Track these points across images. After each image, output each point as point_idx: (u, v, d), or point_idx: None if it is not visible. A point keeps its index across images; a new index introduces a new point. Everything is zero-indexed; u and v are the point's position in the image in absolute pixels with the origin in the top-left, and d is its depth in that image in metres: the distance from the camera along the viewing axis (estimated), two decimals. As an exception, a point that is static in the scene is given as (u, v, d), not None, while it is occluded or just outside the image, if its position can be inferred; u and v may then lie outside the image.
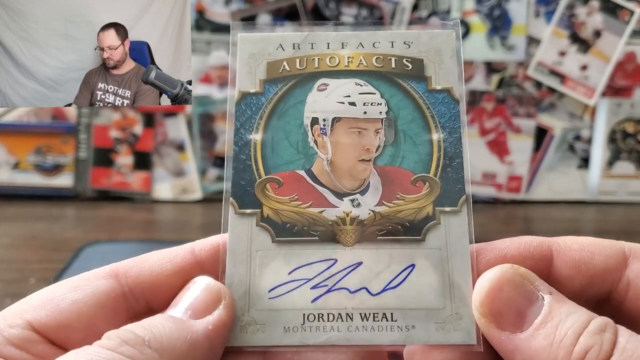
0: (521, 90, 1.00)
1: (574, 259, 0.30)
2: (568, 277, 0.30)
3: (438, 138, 0.29)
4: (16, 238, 0.87)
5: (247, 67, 0.32)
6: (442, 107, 0.29)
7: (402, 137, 0.29)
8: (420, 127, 0.29)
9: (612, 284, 0.30)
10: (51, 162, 1.01)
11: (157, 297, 0.30)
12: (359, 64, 0.30)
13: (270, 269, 0.28)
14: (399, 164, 0.29)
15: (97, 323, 0.29)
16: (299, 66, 0.30)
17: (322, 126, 0.29)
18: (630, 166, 1.02)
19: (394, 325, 0.27)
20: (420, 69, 0.30)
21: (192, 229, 0.92)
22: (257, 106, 0.30)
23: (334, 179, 0.29)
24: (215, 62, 0.98)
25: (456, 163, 0.29)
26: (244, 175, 0.29)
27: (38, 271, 0.76)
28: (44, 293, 0.30)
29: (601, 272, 0.30)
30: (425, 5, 0.97)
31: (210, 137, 1.00)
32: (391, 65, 0.30)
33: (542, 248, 0.30)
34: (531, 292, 0.27)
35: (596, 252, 0.30)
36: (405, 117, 0.29)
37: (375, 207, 0.28)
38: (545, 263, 0.30)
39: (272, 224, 0.28)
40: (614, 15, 0.98)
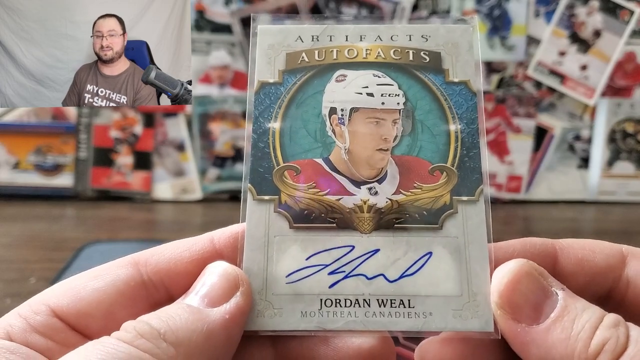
0: (521, 90, 1.00)
1: (577, 257, 0.31)
2: (572, 274, 0.31)
3: (455, 129, 0.29)
4: (16, 238, 0.86)
5: (266, 57, 0.31)
6: (460, 98, 0.29)
7: (419, 128, 0.29)
8: (437, 118, 0.29)
9: (614, 282, 0.31)
10: (51, 162, 1.01)
11: (177, 284, 0.30)
12: (377, 56, 0.30)
13: (287, 255, 0.28)
14: (416, 153, 0.29)
15: (116, 310, 0.29)
16: (317, 57, 0.31)
17: (340, 116, 0.30)
18: (630, 166, 1.02)
19: (411, 311, 0.27)
20: (438, 62, 0.30)
21: (192, 228, 0.92)
22: (275, 95, 0.30)
23: (352, 167, 0.29)
24: (215, 62, 0.98)
25: (473, 154, 0.29)
26: (263, 163, 0.29)
27: (38, 271, 0.76)
28: (67, 282, 0.30)
29: (603, 269, 0.30)
30: (425, 5, 0.97)
31: (210, 137, 1.00)
32: (409, 57, 0.30)
33: (546, 246, 0.31)
34: (546, 287, 0.28)
35: (597, 250, 0.31)
36: (422, 107, 0.30)
37: (392, 196, 0.28)
38: (550, 260, 0.31)
39: (290, 211, 0.28)
40: (613, 15, 0.98)
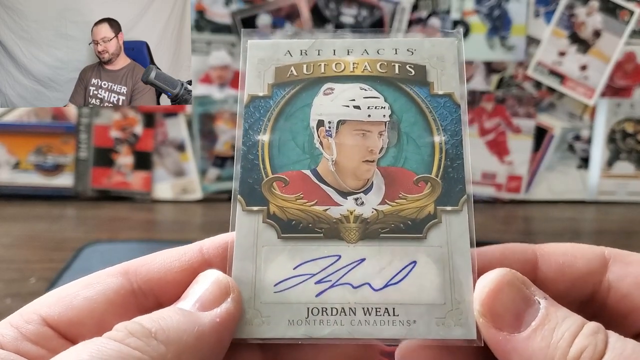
0: (521, 90, 1.00)
1: (558, 263, 0.31)
2: (553, 280, 0.31)
3: (440, 140, 0.30)
4: (16, 238, 0.87)
5: (256, 71, 0.32)
6: (444, 110, 0.30)
7: (405, 139, 0.30)
8: (422, 130, 0.30)
9: (595, 286, 0.31)
10: (51, 162, 1.01)
11: (166, 293, 0.31)
12: (364, 70, 0.31)
13: (275, 264, 0.28)
14: (401, 164, 0.30)
15: (108, 319, 0.29)
16: (305, 71, 0.31)
17: (328, 128, 0.30)
18: (630, 166, 1.02)
19: (396, 319, 0.27)
20: (423, 75, 0.31)
21: (192, 228, 0.92)
22: (265, 109, 0.31)
23: (339, 178, 0.30)
24: (215, 62, 0.98)
25: (457, 164, 0.30)
26: (252, 174, 0.30)
27: (38, 271, 0.76)
28: (58, 291, 0.31)
29: (584, 274, 0.31)
30: (425, 6, 0.97)
31: (210, 137, 1.00)
32: (395, 71, 0.31)
33: (526, 253, 0.32)
34: (528, 295, 0.28)
35: (578, 255, 0.31)
36: (408, 120, 0.30)
37: (378, 206, 0.29)
38: (531, 267, 0.31)
39: (278, 221, 0.29)
40: (613, 16, 0.98)
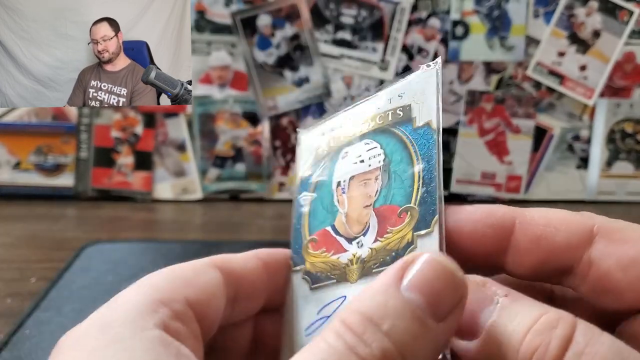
0: (520, 90, 1.00)
1: (535, 233, 0.29)
2: (526, 250, 0.29)
3: (418, 169, 0.31)
4: (17, 238, 0.87)
5: (303, 157, 0.36)
6: (423, 140, 0.32)
7: (393, 178, 0.31)
8: (406, 164, 0.31)
9: (574, 261, 0.29)
10: (52, 162, 1.01)
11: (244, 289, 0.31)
12: (368, 126, 0.34)
13: (306, 312, 0.31)
14: (389, 201, 0.31)
15: (219, 306, 0.30)
16: (332, 144, 0.35)
17: (342, 186, 0.33)
18: (629, 166, 1.03)
19: None
20: (409, 113, 0.33)
21: (192, 228, 0.92)
22: (307, 184, 0.35)
23: (347, 227, 0.32)
24: (216, 62, 0.98)
25: (431, 187, 0.30)
26: (298, 240, 0.34)
27: (39, 270, 0.76)
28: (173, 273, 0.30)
29: (562, 248, 0.29)
30: (424, 6, 0.97)
31: (210, 137, 1.01)
32: (388, 118, 0.33)
33: (504, 219, 0.30)
34: (485, 297, 0.26)
35: (561, 227, 0.29)
36: (396, 159, 0.32)
37: (372, 245, 0.30)
38: (505, 234, 0.30)
39: (310, 275, 0.32)
40: (613, 16, 0.98)
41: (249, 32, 0.97)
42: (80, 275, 0.74)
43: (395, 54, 0.98)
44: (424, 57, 0.99)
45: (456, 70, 1.00)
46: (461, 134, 1.01)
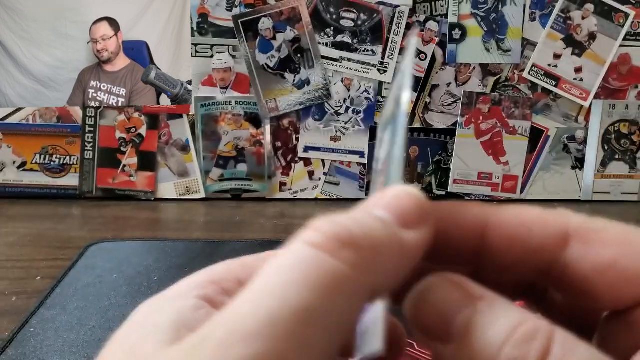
0: (517, 92, 1.01)
1: (509, 234, 0.28)
2: (499, 251, 0.28)
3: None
4: (23, 237, 0.88)
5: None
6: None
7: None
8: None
9: (550, 263, 0.27)
10: (57, 163, 1.02)
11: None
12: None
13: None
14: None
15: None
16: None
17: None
18: (624, 166, 1.04)
19: None
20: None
21: (195, 227, 0.93)
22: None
23: None
24: (218, 65, 0.99)
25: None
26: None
27: (44, 269, 0.77)
28: (236, 261, 0.28)
29: (536, 250, 0.27)
30: (423, 10, 0.98)
31: (213, 138, 1.02)
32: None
33: (477, 218, 0.28)
34: (460, 298, 0.25)
35: (535, 228, 0.28)
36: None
37: None
38: (477, 234, 0.28)
39: None
40: (608, 19, 0.99)
41: (251, 35, 0.98)
42: (85, 273, 0.75)
43: (394, 57, 0.99)
44: (422, 60, 1.00)
45: (453, 72, 1.00)
46: (458, 135, 1.02)
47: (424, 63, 1.00)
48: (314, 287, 0.22)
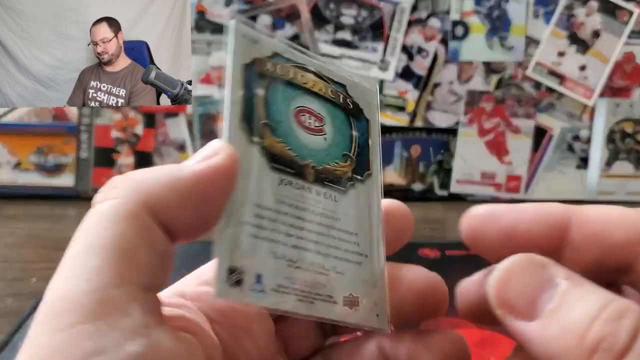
0: (520, 90, 1.00)
1: (592, 232, 0.29)
2: (583, 249, 0.29)
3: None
4: (18, 237, 0.87)
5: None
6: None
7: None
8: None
9: (632, 259, 0.28)
10: (52, 162, 1.01)
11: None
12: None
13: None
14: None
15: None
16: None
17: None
18: (629, 166, 1.03)
19: None
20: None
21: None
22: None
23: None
24: (216, 62, 0.98)
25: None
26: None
27: (40, 270, 0.76)
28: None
29: (619, 246, 0.28)
30: (424, 6, 0.98)
31: (211, 137, 1.01)
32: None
33: (559, 217, 0.29)
34: (545, 279, 0.26)
35: (618, 225, 0.28)
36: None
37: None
38: (560, 233, 0.29)
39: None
40: (612, 16, 0.98)
41: (249, 32, 0.97)
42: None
43: (395, 54, 0.98)
44: (423, 58, 0.99)
45: (456, 70, 1.00)
46: (461, 134, 1.01)
47: (427, 61, 0.99)
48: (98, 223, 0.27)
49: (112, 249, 0.25)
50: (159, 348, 0.24)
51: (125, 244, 0.25)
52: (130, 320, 0.24)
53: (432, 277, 0.33)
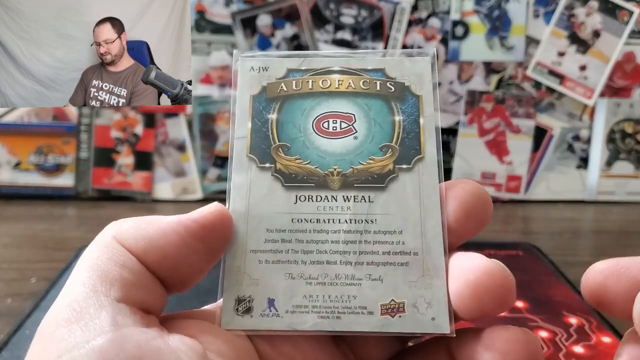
0: (520, 90, 1.00)
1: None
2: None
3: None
4: (17, 238, 0.87)
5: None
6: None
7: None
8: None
9: None
10: (52, 162, 1.01)
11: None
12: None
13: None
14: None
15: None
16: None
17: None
18: (629, 166, 1.02)
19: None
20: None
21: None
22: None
23: None
24: (216, 62, 0.98)
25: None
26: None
27: (39, 271, 0.76)
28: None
29: None
30: (424, 6, 0.97)
31: (210, 137, 1.01)
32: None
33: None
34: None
35: None
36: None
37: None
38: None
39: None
40: (613, 16, 0.98)
41: (249, 32, 0.97)
42: (80, 275, 0.74)
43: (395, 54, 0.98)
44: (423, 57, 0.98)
45: (456, 70, 0.99)
46: (461, 134, 1.01)
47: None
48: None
49: (90, 269, 0.30)
50: (124, 342, 0.26)
51: (100, 265, 0.30)
52: (99, 322, 0.27)
53: (494, 267, 0.30)
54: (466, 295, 0.30)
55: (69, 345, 0.26)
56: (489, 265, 0.30)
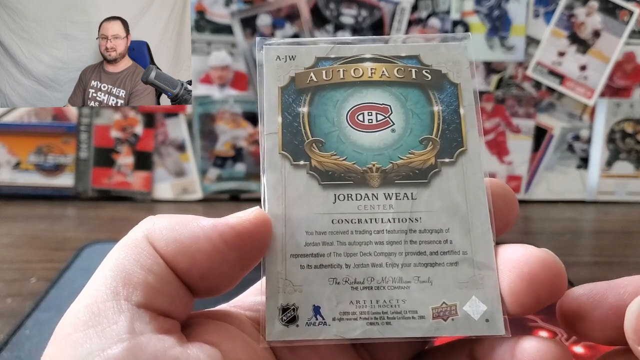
0: (520, 90, 1.00)
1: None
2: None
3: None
4: (17, 238, 0.87)
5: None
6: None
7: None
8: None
9: None
10: (52, 162, 1.01)
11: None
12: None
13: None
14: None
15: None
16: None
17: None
18: (629, 166, 1.02)
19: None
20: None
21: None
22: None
23: None
24: (216, 62, 0.98)
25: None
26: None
27: (39, 271, 0.76)
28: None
29: None
30: (424, 6, 0.97)
31: (210, 137, 1.01)
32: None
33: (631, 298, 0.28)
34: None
35: None
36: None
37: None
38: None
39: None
40: (613, 16, 0.98)
41: (249, 32, 0.97)
42: (80, 275, 0.74)
43: (395, 54, 0.98)
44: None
45: (456, 70, 0.99)
46: (461, 134, 1.01)
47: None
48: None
49: (114, 269, 0.28)
50: (141, 351, 0.26)
51: (125, 266, 0.29)
52: (116, 327, 0.26)
53: (547, 256, 0.29)
54: (521, 290, 0.29)
55: (84, 352, 0.26)
56: (541, 255, 0.29)
